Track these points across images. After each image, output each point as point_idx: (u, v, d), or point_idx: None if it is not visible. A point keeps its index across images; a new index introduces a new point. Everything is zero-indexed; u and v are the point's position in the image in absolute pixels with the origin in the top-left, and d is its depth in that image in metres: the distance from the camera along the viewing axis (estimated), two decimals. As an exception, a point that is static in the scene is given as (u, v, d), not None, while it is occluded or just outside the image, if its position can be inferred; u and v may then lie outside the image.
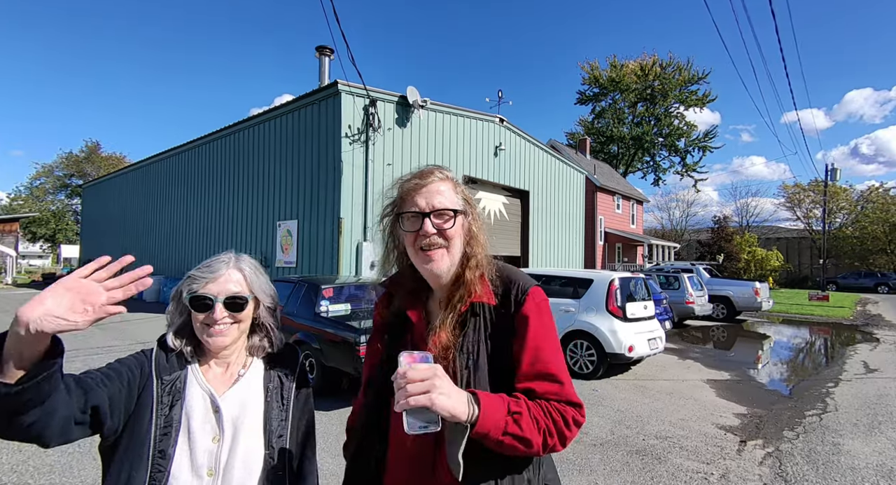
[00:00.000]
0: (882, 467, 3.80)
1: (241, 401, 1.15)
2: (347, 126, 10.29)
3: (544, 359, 1.01)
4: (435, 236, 1.04)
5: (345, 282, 6.34)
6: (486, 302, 1.06)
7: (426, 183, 1.07)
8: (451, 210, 1.05)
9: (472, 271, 1.06)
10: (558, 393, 0.99)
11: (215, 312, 1.12)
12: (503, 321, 1.05)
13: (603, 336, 6.46)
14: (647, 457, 4.00)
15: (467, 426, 0.88)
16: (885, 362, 8.26)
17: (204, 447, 1.08)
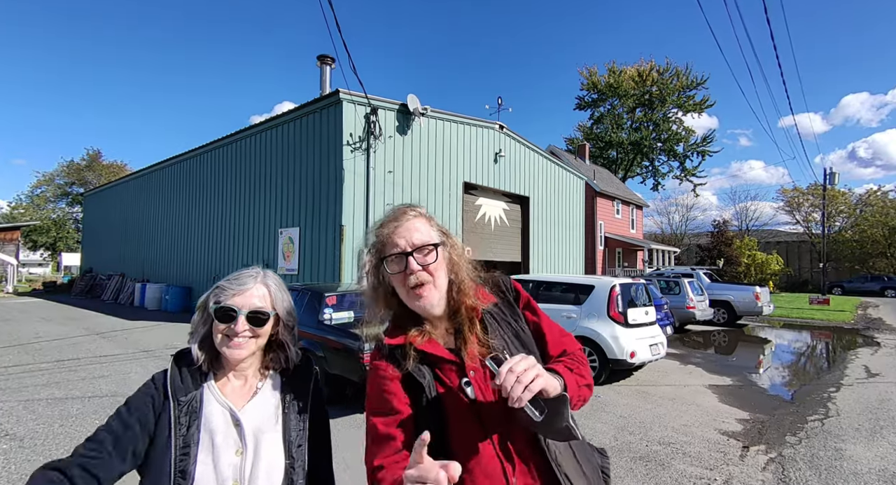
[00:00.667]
0: (885, 472, 3.83)
1: (261, 413, 1.18)
2: (349, 134, 10.38)
3: (554, 324, 1.24)
4: (421, 273, 1.07)
5: (348, 290, 6.38)
6: (490, 301, 1.16)
7: (402, 223, 1.11)
8: (430, 245, 1.08)
9: (467, 295, 1.12)
10: (573, 341, 1.23)
11: (237, 324, 1.14)
12: (508, 308, 1.19)
13: (605, 342, 6.49)
14: (651, 463, 4.02)
15: (565, 395, 0.95)
16: (886, 367, 8.28)
17: (228, 461, 1.11)
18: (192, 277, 15.58)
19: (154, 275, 17.80)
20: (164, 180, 17.78)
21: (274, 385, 1.24)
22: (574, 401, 1.00)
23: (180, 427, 1.11)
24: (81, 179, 51.03)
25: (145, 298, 16.52)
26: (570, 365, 1.08)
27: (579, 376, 1.06)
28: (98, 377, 6.62)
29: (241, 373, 1.21)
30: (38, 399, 5.53)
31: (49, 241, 50.68)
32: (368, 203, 10.68)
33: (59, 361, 7.65)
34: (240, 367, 1.20)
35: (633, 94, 39.12)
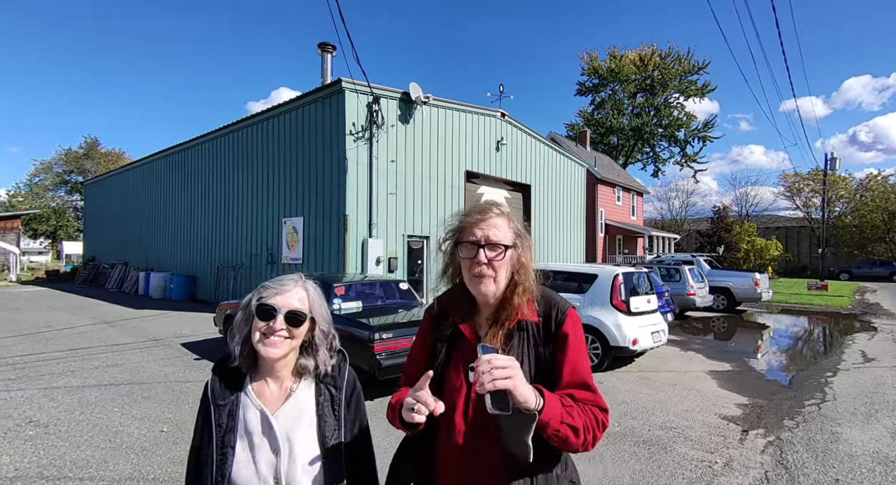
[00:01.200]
0: (878, 454, 3.99)
1: (294, 415, 1.24)
2: (351, 124, 10.37)
3: (581, 370, 1.19)
4: (485, 267, 1.18)
5: (356, 280, 6.48)
6: (531, 320, 1.22)
7: (485, 218, 1.22)
8: (502, 245, 1.20)
9: (520, 296, 1.21)
10: (593, 399, 1.16)
11: (276, 322, 1.20)
12: (545, 337, 1.22)
13: (608, 330, 6.63)
14: (654, 447, 4.18)
15: (535, 414, 1.02)
16: (882, 352, 8.45)
17: (266, 460, 1.19)
18: (196, 266, 15.68)
19: (157, 264, 17.90)
20: (166, 169, 17.75)
21: (308, 387, 1.28)
22: (549, 431, 1.05)
23: (219, 430, 1.20)
24: (80, 167, 50.81)
25: (149, 286, 16.65)
26: (567, 402, 1.10)
27: (567, 414, 1.07)
28: (111, 366, 6.76)
29: (277, 374, 1.26)
30: (57, 387, 5.67)
31: (49, 229, 50.67)
32: (371, 192, 10.72)
33: (71, 350, 7.79)
34: (275, 368, 1.25)
35: (634, 79, 38.77)
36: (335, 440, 1.24)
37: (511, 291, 1.22)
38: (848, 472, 3.66)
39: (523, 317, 1.22)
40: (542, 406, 1.03)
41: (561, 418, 1.06)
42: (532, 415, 1.02)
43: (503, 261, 1.20)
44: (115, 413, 4.81)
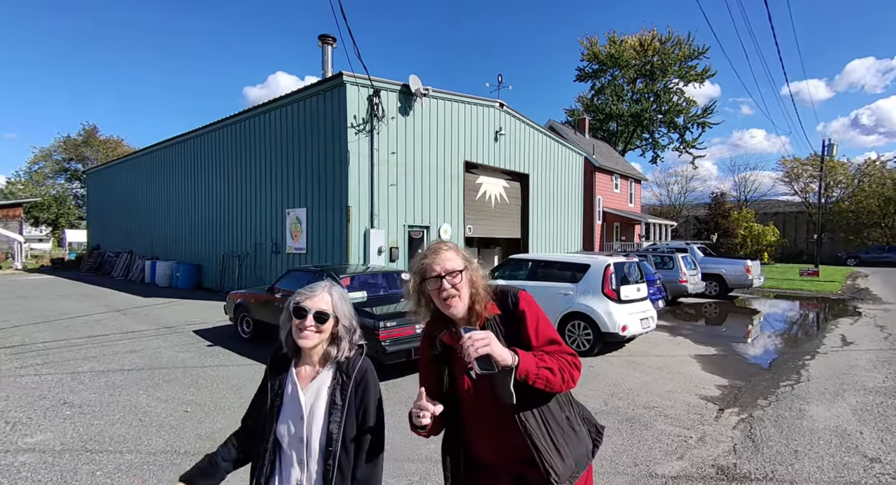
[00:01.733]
0: (837, 428, 4.40)
1: (315, 392, 1.58)
2: (353, 116, 10.61)
3: (543, 332, 1.53)
4: (450, 289, 1.51)
5: (361, 271, 6.84)
6: (494, 313, 1.57)
7: (439, 255, 1.54)
8: (458, 270, 1.52)
9: (480, 304, 1.54)
10: (560, 349, 1.51)
11: (306, 319, 1.55)
12: (509, 320, 1.56)
13: (599, 317, 7.01)
14: (636, 424, 4.58)
15: (513, 368, 1.36)
16: (861, 336, 8.87)
17: (295, 421, 1.56)
18: (201, 255, 16.04)
19: (163, 252, 18.25)
20: (169, 159, 17.97)
21: (329, 371, 1.61)
22: (532, 378, 1.37)
23: (273, 395, 1.59)
24: (79, 154, 50.81)
25: (156, 275, 17.03)
26: (538, 354, 1.43)
27: (541, 361, 1.40)
28: (130, 352, 7.16)
29: (311, 360, 1.62)
30: (83, 372, 6.07)
31: (51, 217, 50.86)
32: (373, 184, 11.01)
33: (90, 337, 8.19)
34: (309, 354, 1.60)
35: (633, 64, 38.60)
36: (337, 416, 1.56)
37: (473, 302, 1.54)
38: (807, 443, 4.07)
39: (488, 314, 1.55)
40: (517, 361, 1.35)
41: (537, 365, 1.39)
42: (511, 368, 1.36)
43: (462, 282, 1.52)
44: (141, 395, 5.21)
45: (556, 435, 1.50)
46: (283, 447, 1.56)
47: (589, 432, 1.65)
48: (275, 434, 1.56)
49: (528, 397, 1.45)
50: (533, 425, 1.47)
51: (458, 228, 13.33)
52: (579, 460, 1.53)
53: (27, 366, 6.34)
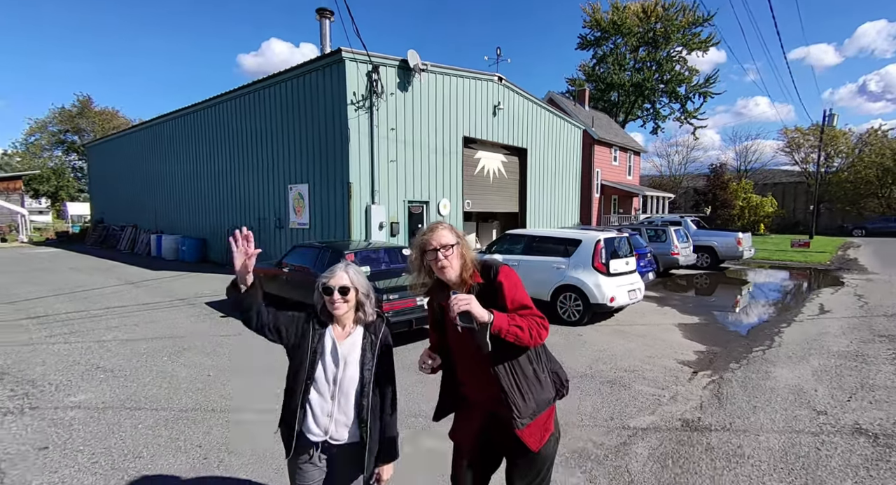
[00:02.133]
0: (795, 387, 4.89)
1: (349, 346, 2.03)
2: (352, 93, 10.74)
3: (517, 298, 1.91)
4: (444, 260, 1.90)
5: (363, 247, 7.23)
6: (477, 282, 1.95)
7: (436, 232, 1.93)
8: (450, 244, 1.91)
9: (467, 272, 1.93)
10: (531, 312, 1.89)
11: (334, 295, 1.97)
12: (489, 288, 1.94)
13: (588, 289, 7.45)
14: (616, 385, 5.08)
15: (488, 323, 1.75)
16: (838, 304, 9.35)
17: (331, 369, 1.99)
18: (205, 229, 16.40)
19: (167, 226, 18.62)
20: (170, 134, 18.05)
21: (360, 332, 2.07)
22: (504, 333, 1.74)
23: (313, 344, 2.00)
24: (75, 126, 50.37)
25: (162, 248, 17.46)
26: (511, 315, 1.80)
27: (513, 320, 1.77)
28: (149, 323, 7.64)
29: (343, 323, 2.06)
30: (108, 340, 6.55)
31: (50, 189, 50.87)
32: (373, 160, 11.25)
33: (108, 308, 8.67)
34: (342, 319, 2.04)
35: (636, 31, 37.78)
36: (369, 365, 2.03)
37: (462, 271, 1.94)
38: (766, 400, 4.57)
39: (473, 282, 1.95)
40: (492, 319, 1.75)
41: (508, 323, 1.76)
42: (486, 324, 1.75)
43: (454, 254, 1.91)
44: (165, 361, 5.70)
45: (522, 382, 1.91)
46: (318, 384, 1.98)
47: (554, 383, 2.06)
48: (313, 373, 1.98)
49: (502, 351, 1.85)
50: (503, 372, 1.89)
51: (457, 203, 13.64)
52: (540, 403, 1.95)
53: (55, 335, 6.82)
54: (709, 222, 38.87)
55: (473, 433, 2.07)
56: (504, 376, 1.89)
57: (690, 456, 3.53)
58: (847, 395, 4.68)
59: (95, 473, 3.24)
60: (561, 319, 7.76)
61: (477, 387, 2.00)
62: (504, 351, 1.86)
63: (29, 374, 5.21)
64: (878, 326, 7.44)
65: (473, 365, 1.95)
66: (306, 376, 1.96)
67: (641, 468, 3.37)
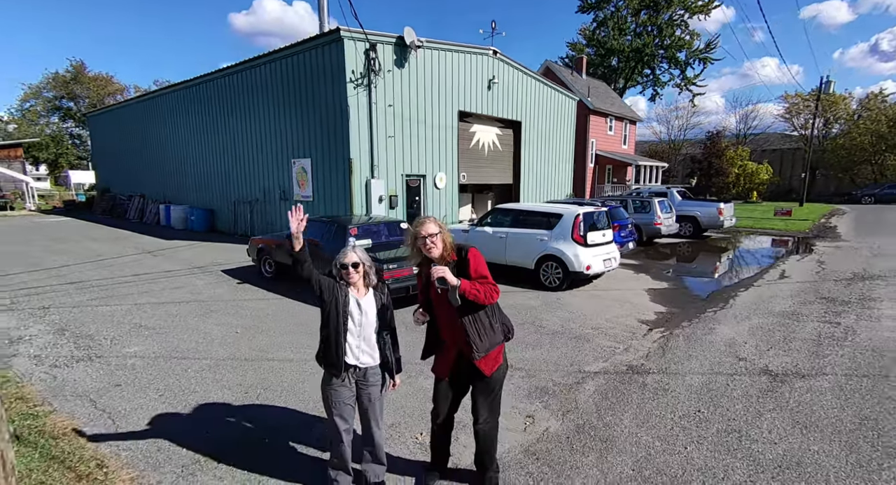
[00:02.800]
0: (729, 340, 5.83)
1: (367, 302, 2.88)
2: (351, 71, 11.23)
3: (480, 270, 2.77)
4: (430, 244, 2.73)
5: (366, 222, 8.04)
6: (453, 259, 2.80)
7: (425, 224, 2.76)
8: (436, 233, 2.73)
9: (447, 252, 2.77)
10: (487, 281, 2.75)
11: (349, 269, 2.83)
12: (461, 263, 2.79)
13: (567, 259, 8.31)
14: (581, 340, 6.01)
15: (457, 286, 2.63)
16: (799, 271, 10.25)
17: (357, 317, 2.84)
18: (212, 200, 17.12)
19: (174, 197, 19.32)
20: (175, 105, 18.43)
21: (370, 292, 2.92)
22: (467, 294, 2.61)
23: (344, 298, 2.84)
24: (70, 92, 49.91)
25: (171, 218, 18.26)
26: (473, 282, 2.66)
27: (474, 286, 2.63)
28: (174, 288, 8.56)
29: (358, 287, 2.90)
30: (142, 303, 7.48)
31: (49, 157, 50.99)
32: (372, 136, 11.86)
33: (135, 275, 9.57)
34: (357, 285, 2.88)
35: (638, -6, 37.02)
36: (382, 314, 2.92)
37: (443, 251, 2.77)
38: (701, 350, 5.51)
39: (450, 259, 2.79)
40: (459, 283, 2.63)
41: (470, 287, 2.63)
42: (456, 286, 2.63)
43: (437, 239, 2.74)
44: (196, 321, 6.63)
45: (480, 329, 2.79)
46: (350, 327, 2.84)
47: (503, 331, 2.94)
48: (346, 320, 2.83)
49: (467, 307, 2.72)
50: (467, 322, 2.76)
51: (453, 175, 14.31)
52: (492, 343, 2.83)
53: (96, 299, 7.74)
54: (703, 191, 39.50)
55: (448, 366, 2.95)
56: (469, 325, 2.76)
57: (626, 391, 4.48)
58: (769, 346, 5.62)
59: (165, 401, 4.20)
60: (543, 285, 8.67)
61: (450, 333, 2.87)
62: (468, 307, 2.73)
63: (85, 330, 6.15)
64: (824, 290, 8.36)
65: (448, 317, 2.81)
66: (342, 321, 2.81)
67: (586, 399, 4.32)
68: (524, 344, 5.74)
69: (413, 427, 3.81)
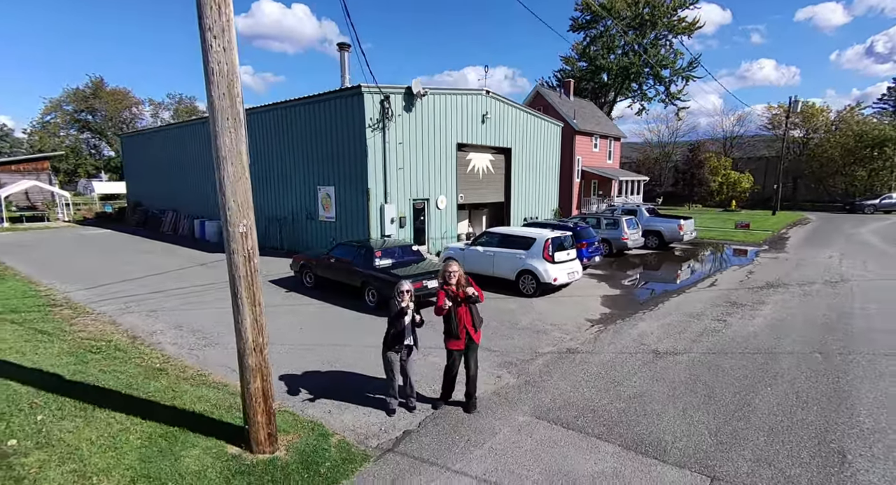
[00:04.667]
0: (644, 332, 8.43)
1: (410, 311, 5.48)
2: (369, 118, 13.87)
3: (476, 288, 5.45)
4: (453, 274, 5.36)
5: (386, 246, 10.66)
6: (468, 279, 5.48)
7: (450, 266, 5.42)
8: (456, 270, 5.38)
9: (462, 279, 5.40)
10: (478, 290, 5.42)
11: (404, 295, 5.48)
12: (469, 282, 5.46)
13: (539, 272, 10.93)
14: (541, 333, 8.60)
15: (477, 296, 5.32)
16: (729, 279, 12.85)
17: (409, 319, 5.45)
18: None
19: (205, 212, 21.95)
20: (202, 136, 21.07)
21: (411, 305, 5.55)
22: (481, 298, 5.33)
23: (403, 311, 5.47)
24: (89, 106, 52.70)
25: (206, 232, 20.88)
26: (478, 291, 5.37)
27: (481, 294, 5.38)
28: (238, 296, 11.15)
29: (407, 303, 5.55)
30: (221, 307, 10.04)
31: (69, 167, 53.70)
32: (385, 168, 14.49)
33: (204, 285, 12.17)
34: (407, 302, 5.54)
35: (624, 16, 39.72)
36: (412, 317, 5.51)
37: (460, 279, 5.38)
38: (619, 339, 8.11)
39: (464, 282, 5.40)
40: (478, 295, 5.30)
41: (482, 295, 5.41)
42: (478, 296, 5.30)
43: (458, 273, 5.36)
44: (284, 320, 9.22)
45: (476, 315, 5.46)
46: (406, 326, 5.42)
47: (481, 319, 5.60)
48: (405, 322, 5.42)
49: (473, 306, 5.36)
50: (473, 311, 5.42)
51: (452, 197, 16.94)
52: (479, 324, 5.50)
53: (185, 304, 10.35)
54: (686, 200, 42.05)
55: (461, 343, 5.52)
56: (474, 314, 5.40)
57: (562, 364, 7.09)
58: (667, 336, 8.24)
59: (277, 369, 6.81)
60: (521, 293, 11.28)
61: (464, 319, 5.44)
62: (473, 305, 5.35)
63: (195, 326, 8.77)
64: (734, 296, 10.98)
65: (464, 311, 5.40)
66: (403, 323, 5.41)
67: (535, 369, 6.93)
68: (501, 336, 8.34)
69: (429, 382, 6.42)
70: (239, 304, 4.41)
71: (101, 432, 4.68)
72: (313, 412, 5.52)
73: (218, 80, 3.91)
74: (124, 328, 8.66)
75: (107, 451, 4.38)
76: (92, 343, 7.63)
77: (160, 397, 5.62)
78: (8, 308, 9.55)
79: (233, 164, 4.08)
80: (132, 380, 6.14)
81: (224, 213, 4.17)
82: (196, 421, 5.05)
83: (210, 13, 3.82)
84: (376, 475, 4.32)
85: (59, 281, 12.51)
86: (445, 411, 5.59)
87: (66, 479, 3.96)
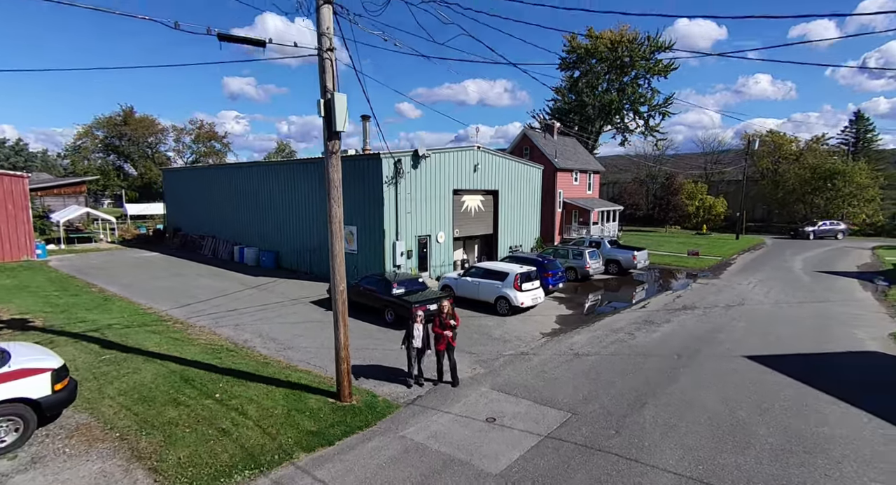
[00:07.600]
0: (574, 342, 12.47)
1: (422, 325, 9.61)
2: (385, 176, 18.12)
3: (456, 316, 9.64)
4: (446, 309, 9.57)
5: (399, 278, 14.82)
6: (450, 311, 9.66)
7: (444, 302, 9.69)
8: (448, 305, 9.62)
9: (450, 310, 9.60)
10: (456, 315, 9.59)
11: (418, 314, 9.64)
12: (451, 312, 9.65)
13: (511, 298, 15.04)
14: (507, 342, 12.66)
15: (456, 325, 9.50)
16: (658, 302, 16.93)
17: (422, 331, 9.59)
18: (280, 244, 23.94)
19: (243, 239, 26.14)
20: (245, 176, 25.36)
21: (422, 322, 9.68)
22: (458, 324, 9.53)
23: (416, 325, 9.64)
24: (119, 133, 57.33)
25: (244, 257, 25.04)
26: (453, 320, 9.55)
27: (457, 323, 9.56)
28: (291, 313, 15.24)
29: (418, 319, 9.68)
30: (284, 322, 14.13)
31: (98, 188, 58.09)
32: (397, 214, 18.69)
33: (264, 305, 16.25)
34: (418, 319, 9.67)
35: (607, 58, 44.43)
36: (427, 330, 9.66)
37: (451, 311, 9.54)
38: (556, 347, 12.16)
39: (450, 312, 9.56)
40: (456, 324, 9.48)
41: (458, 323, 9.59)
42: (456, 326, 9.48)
43: (449, 309, 9.52)
44: (319, 332, 13.28)
45: (454, 332, 9.60)
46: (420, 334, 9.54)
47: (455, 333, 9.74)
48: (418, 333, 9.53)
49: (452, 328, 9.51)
50: (452, 330, 9.56)
51: (449, 232, 21.11)
52: (455, 335, 9.66)
53: (256, 319, 14.43)
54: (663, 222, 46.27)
55: (443, 346, 9.62)
56: (451, 331, 9.54)
57: (515, 361, 11.15)
58: (590, 344, 12.31)
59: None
60: (498, 313, 15.36)
61: (445, 336, 9.55)
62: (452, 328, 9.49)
63: (272, 336, 12.83)
64: (653, 316, 15.06)
65: (440, 336, 9.51)
66: (416, 333, 9.51)
67: (498, 364, 10.98)
68: (478, 344, 12.41)
69: (430, 372, 10.46)
70: (338, 325, 8.46)
71: (258, 391, 8.78)
72: (365, 386, 9.60)
73: (336, 214, 8.09)
74: (224, 337, 12.74)
75: (267, 399, 8.48)
76: (212, 346, 11.73)
77: (278, 376, 9.72)
78: (137, 323, 13.66)
79: (338, 247, 8.22)
80: (255, 368, 10.24)
81: (333, 277, 8.27)
82: (304, 387, 9.15)
83: (333, 175, 8.02)
84: (404, 413, 8.39)
85: (151, 301, 16.60)
86: (441, 387, 9.68)
87: (254, 409, 8.05)
